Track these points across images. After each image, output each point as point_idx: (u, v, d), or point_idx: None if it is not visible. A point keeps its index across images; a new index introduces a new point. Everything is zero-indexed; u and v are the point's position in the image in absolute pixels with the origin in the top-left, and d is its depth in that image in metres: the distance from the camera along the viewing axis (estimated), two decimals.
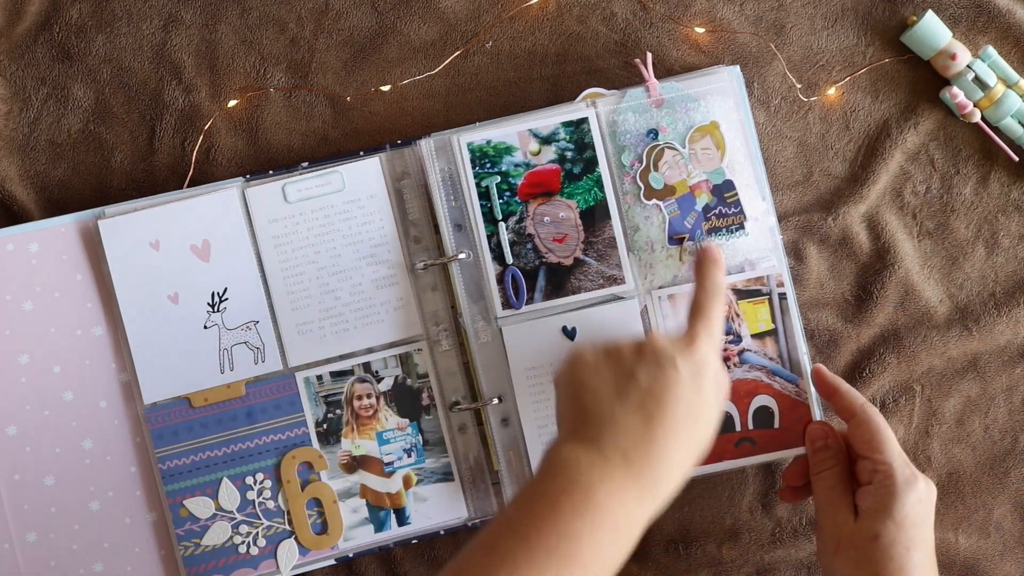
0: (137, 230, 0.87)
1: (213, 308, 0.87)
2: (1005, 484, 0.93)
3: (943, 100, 0.92)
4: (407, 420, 0.88)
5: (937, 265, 0.93)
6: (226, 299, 0.87)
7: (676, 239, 0.87)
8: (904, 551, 0.77)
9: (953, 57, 0.90)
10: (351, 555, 0.89)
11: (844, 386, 0.84)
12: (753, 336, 0.88)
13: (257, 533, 0.87)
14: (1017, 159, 0.93)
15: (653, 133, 0.87)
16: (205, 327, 0.87)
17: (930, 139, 0.93)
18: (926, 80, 0.93)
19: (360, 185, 0.88)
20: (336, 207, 0.88)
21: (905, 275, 0.92)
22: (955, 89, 0.90)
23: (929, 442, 0.92)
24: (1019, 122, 0.91)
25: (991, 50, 0.91)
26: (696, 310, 0.76)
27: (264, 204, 0.88)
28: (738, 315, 0.87)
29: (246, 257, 0.87)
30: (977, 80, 0.90)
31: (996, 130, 0.92)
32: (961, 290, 0.93)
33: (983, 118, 0.92)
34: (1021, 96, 0.91)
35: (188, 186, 0.90)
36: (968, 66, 0.90)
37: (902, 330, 0.92)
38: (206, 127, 0.91)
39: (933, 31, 0.90)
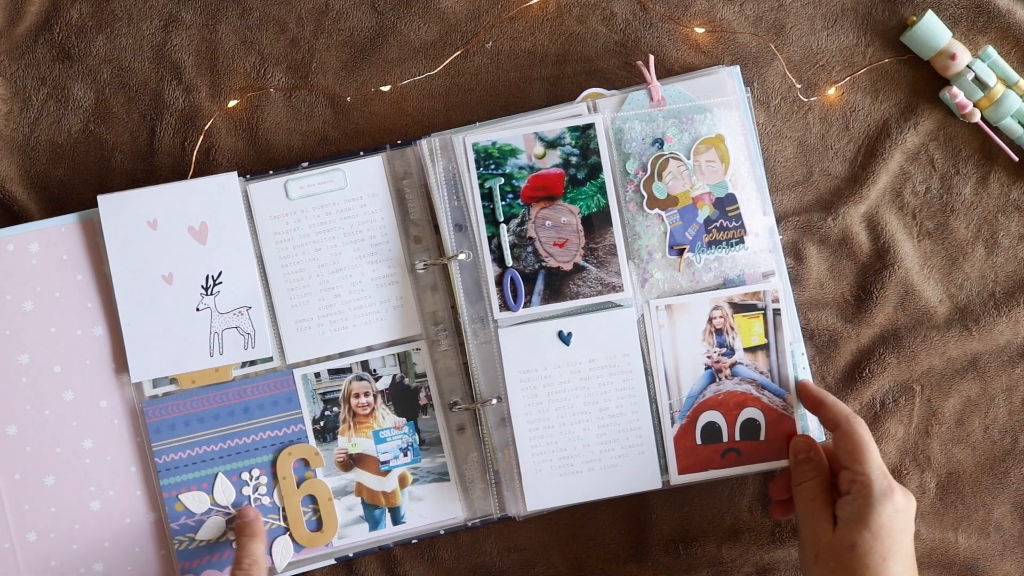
0: (136, 208, 0.87)
1: (207, 291, 0.87)
2: (1005, 484, 0.93)
3: (943, 100, 0.92)
4: (404, 419, 0.89)
5: (937, 265, 0.93)
6: (220, 283, 0.87)
7: (676, 249, 0.87)
8: (880, 560, 0.78)
9: (953, 57, 0.90)
10: (351, 555, 0.89)
11: (829, 399, 0.85)
12: (746, 350, 0.88)
13: None
14: (1017, 159, 0.92)
15: (659, 143, 0.87)
16: (197, 309, 0.87)
17: (930, 139, 0.93)
18: (926, 80, 0.93)
19: (362, 183, 0.88)
20: (338, 205, 0.88)
21: (905, 275, 0.92)
22: (955, 89, 0.90)
23: (929, 442, 0.92)
24: (1019, 122, 0.91)
25: (991, 50, 0.91)
26: None
27: (266, 200, 0.88)
28: (733, 328, 0.88)
29: (242, 242, 0.87)
30: (977, 80, 0.90)
31: (996, 130, 0.92)
32: (961, 290, 0.93)
33: (983, 118, 0.92)
34: (1021, 96, 0.91)
35: None
36: (968, 66, 0.90)
37: (902, 330, 0.92)
38: (206, 127, 0.91)
39: (933, 31, 0.90)
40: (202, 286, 0.87)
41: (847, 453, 0.81)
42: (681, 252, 0.87)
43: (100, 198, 0.86)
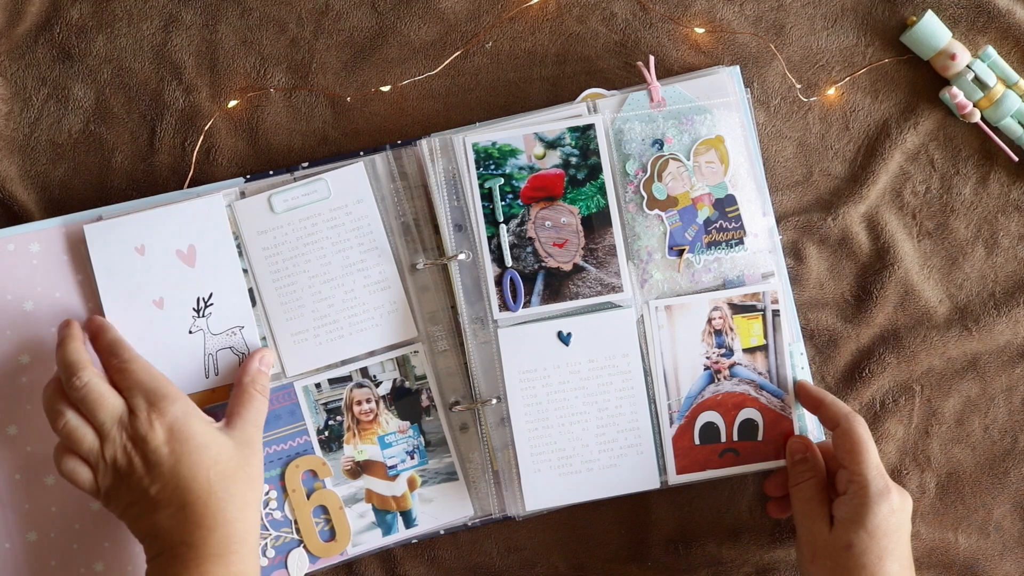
0: (123, 235, 0.86)
1: (198, 313, 0.87)
2: (1005, 484, 0.93)
3: (943, 100, 0.92)
4: (408, 423, 0.89)
5: (937, 265, 0.93)
6: (211, 304, 0.87)
7: (676, 250, 0.87)
8: (876, 560, 0.79)
9: (953, 57, 0.90)
10: (350, 555, 0.89)
11: (828, 398, 0.86)
12: (745, 351, 0.88)
13: (266, 544, 0.87)
14: (1017, 159, 0.92)
15: (659, 143, 0.87)
16: (190, 332, 0.87)
17: (930, 139, 0.93)
18: (926, 80, 0.93)
19: (346, 191, 0.88)
20: (323, 215, 0.88)
21: (905, 275, 0.92)
22: (955, 89, 0.90)
23: (929, 442, 0.92)
24: (1019, 122, 0.91)
25: (991, 50, 0.91)
26: None
27: (252, 216, 0.87)
28: (732, 329, 0.88)
29: (231, 262, 0.87)
30: (977, 80, 0.90)
31: (996, 130, 0.92)
32: (961, 290, 0.93)
33: (983, 118, 0.92)
34: (1021, 96, 0.91)
35: (189, 186, 0.90)
36: (968, 66, 0.90)
37: (902, 330, 0.92)
38: (206, 127, 0.91)
39: (933, 31, 0.90)
40: (194, 309, 0.87)
41: (845, 452, 0.82)
42: (681, 253, 0.87)
43: (86, 227, 0.86)
